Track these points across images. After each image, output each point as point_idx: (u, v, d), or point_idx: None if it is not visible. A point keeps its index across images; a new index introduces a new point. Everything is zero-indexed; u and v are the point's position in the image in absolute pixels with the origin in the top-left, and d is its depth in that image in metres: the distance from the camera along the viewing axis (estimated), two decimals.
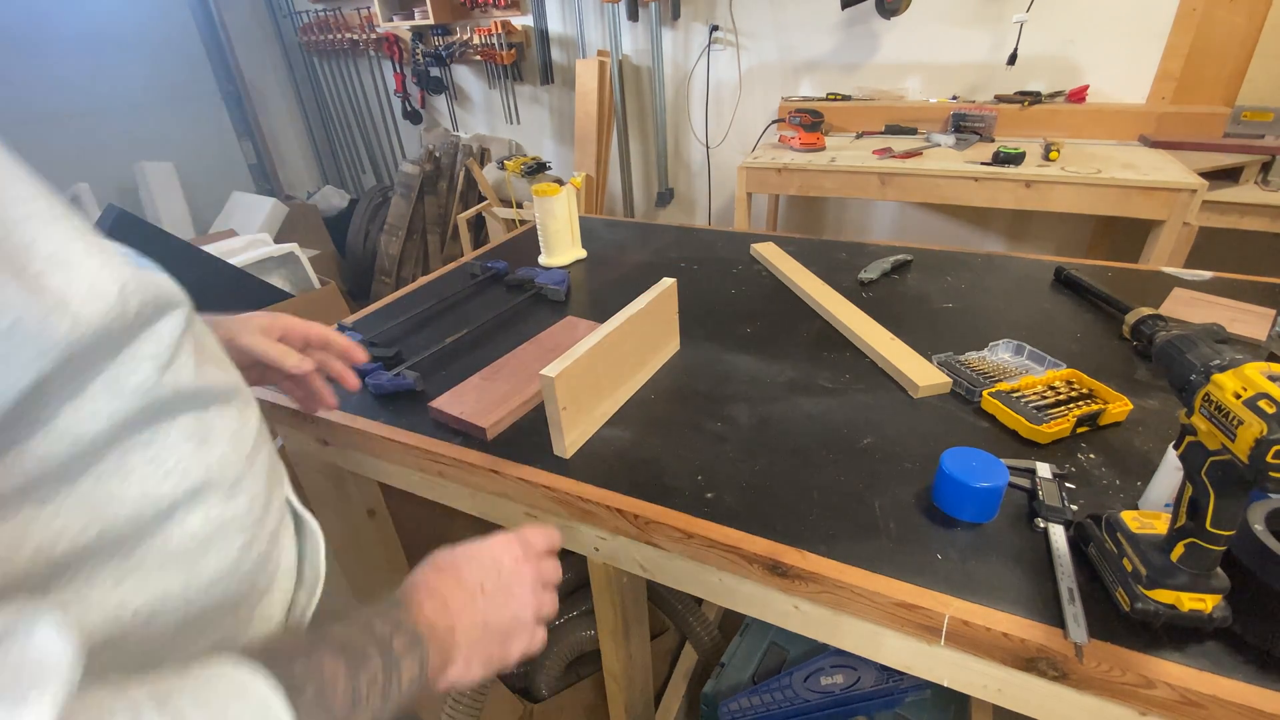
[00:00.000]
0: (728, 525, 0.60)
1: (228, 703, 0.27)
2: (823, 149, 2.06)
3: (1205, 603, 0.46)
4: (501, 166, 1.47)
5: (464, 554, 0.45)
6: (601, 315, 0.94)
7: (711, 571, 0.63)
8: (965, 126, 2.07)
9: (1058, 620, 0.49)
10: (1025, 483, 0.62)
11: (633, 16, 2.56)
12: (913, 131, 2.15)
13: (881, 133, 2.20)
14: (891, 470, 0.66)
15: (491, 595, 0.44)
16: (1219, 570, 0.46)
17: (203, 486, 0.37)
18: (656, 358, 0.86)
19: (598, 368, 0.73)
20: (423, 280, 1.20)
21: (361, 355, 0.66)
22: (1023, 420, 0.68)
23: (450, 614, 0.41)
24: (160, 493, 0.34)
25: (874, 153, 1.93)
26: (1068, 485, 0.62)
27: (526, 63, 2.95)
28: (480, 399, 0.77)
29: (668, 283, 0.85)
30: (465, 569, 0.44)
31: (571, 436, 0.70)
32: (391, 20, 3.02)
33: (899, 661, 0.57)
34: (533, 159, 1.39)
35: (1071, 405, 0.71)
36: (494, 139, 3.21)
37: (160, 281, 0.35)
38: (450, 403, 0.77)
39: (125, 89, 3.03)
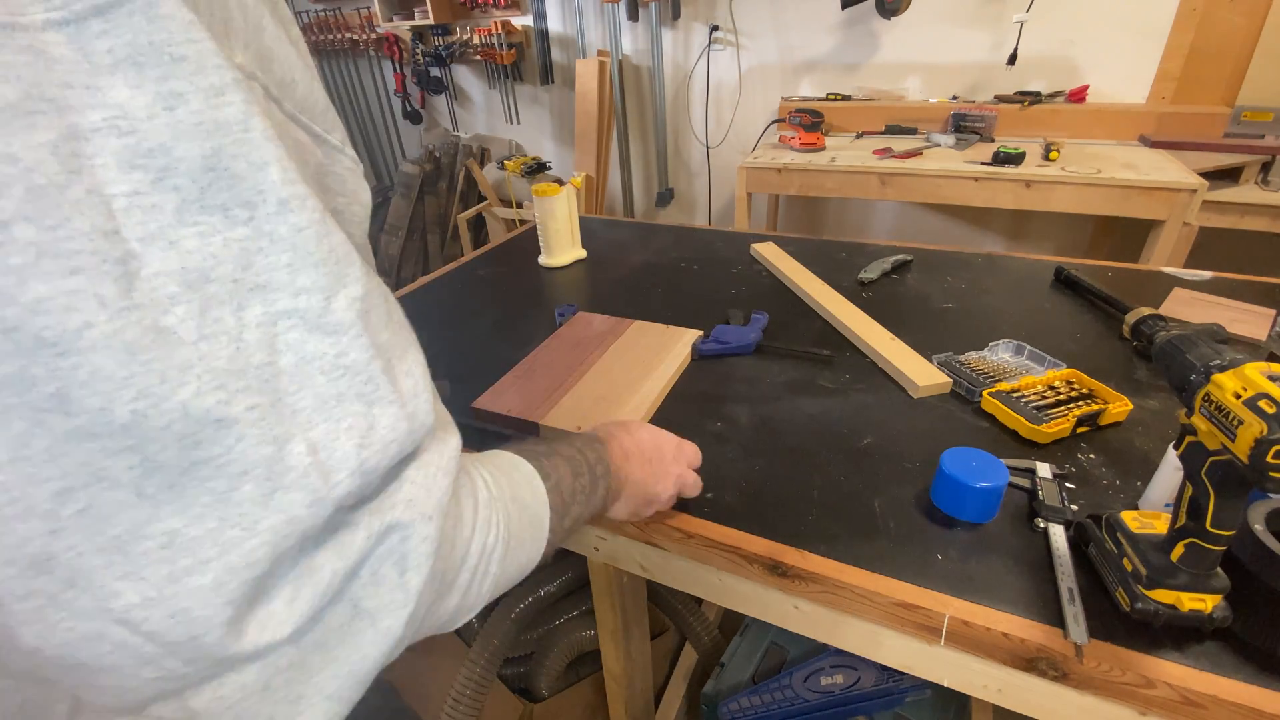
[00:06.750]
0: (728, 525, 0.60)
1: (510, 472, 0.41)
2: (823, 149, 2.06)
3: (1205, 603, 0.46)
4: (501, 166, 1.47)
5: (649, 432, 0.58)
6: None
7: (711, 571, 0.63)
8: (965, 126, 2.07)
9: (1058, 620, 0.49)
10: (1025, 483, 0.62)
11: (633, 16, 2.56)
12: (913, 131, 2.15)
13: (881, 133, 2.20)
14: (891, 470, 0.66)
15: (653, 470, 0.56)
16: (1219, 570, 0.46)
17: None
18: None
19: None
20: (423, 280, 1.20)
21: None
22: (1023, 420, 0.68)
23: (628, 468, 0.54)
24: None
25: (874, 153, 1.93)
26: (1068, 485, 0.62)
27: (526, 63, 2.95)
28: (525, 396, 0.77)
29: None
30: (647, 443, 0.57)
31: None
32: (391, 20, 3.02)
33: (899, 661, 0.57)
34: (533, 159, 1.39)
35: (1071, 405, 0.71)
36: (494, 139, 3.22)
37: None
38: (494, 401, 0.77)
39: None
